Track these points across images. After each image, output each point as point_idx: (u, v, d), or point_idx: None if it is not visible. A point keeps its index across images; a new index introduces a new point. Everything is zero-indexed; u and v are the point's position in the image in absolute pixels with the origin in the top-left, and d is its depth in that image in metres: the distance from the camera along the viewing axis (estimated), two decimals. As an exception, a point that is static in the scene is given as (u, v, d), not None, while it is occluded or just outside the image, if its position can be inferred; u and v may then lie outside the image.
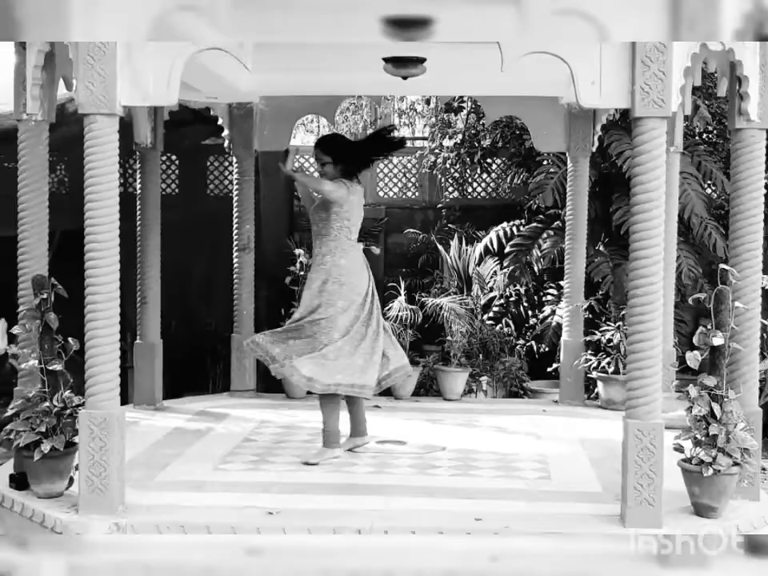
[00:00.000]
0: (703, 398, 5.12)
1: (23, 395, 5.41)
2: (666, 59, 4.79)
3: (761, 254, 5.48)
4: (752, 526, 5.15)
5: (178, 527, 4.92)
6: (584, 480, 5.89)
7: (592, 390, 8.84)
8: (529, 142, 9.58)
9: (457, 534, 4.84)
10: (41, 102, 5.63)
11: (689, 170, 9.83)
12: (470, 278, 10.29)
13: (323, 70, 7.43)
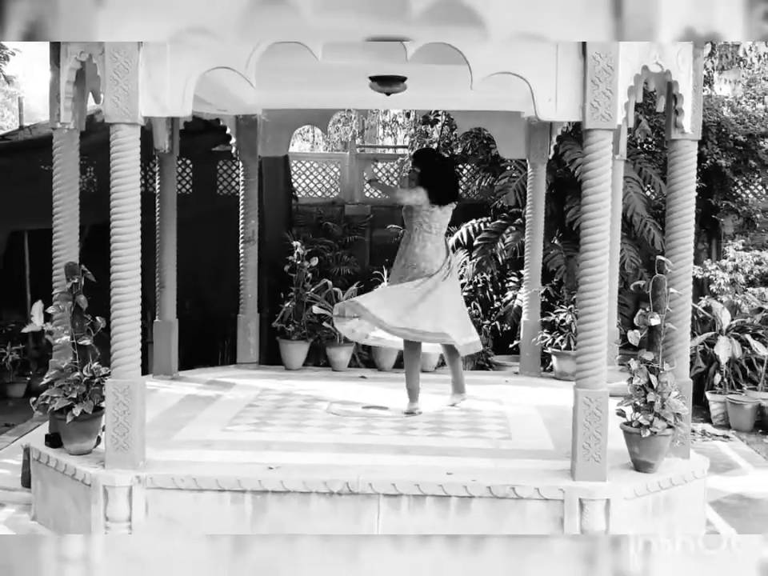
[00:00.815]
0: (642, 371, 5.15)
1: (57, 366, 5.42)
2: (613, 80, 4.81)
3: (692, 248, 5.51)
4: (681, 478, 5.20)
5: (191, 480, 4.94)
6: (540, 440, 5.91)
7: (547, 364, 8.87)
8: (494, 150, 9.59)
9: (431, 486, 4.88)
10: (73, 112, 5.61)
11: (631, 175, 9.86)
12: (444, 267, 10.28)
13: (317, 86, 7.44)
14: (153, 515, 4.95)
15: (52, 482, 5.35)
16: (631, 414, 5.17)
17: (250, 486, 4.91)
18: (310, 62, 5.03)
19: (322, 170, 12.13)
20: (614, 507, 4.81)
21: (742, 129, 10.51)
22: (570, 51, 4.85)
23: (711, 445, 7.78)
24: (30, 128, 10.20)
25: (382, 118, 14.48)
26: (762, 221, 10.88)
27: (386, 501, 4.88)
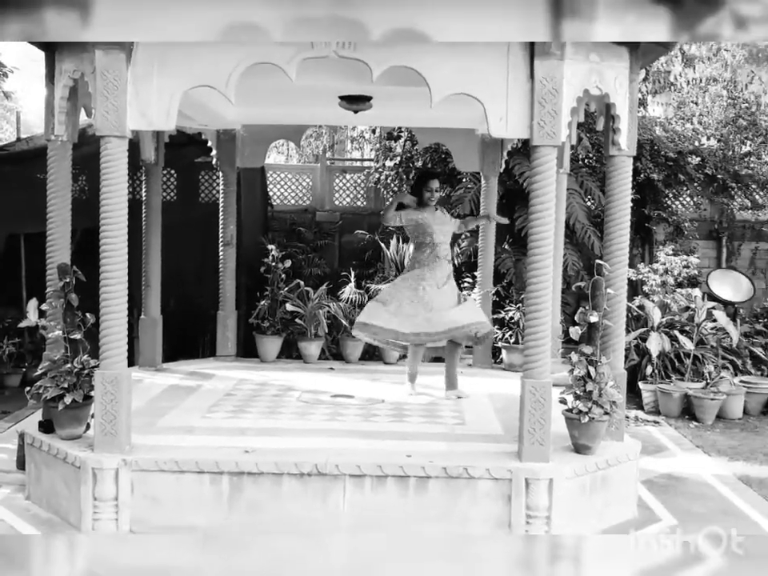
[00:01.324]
0: (582, 363, 5.19)
1: (50, 358, 5.36)
2: (557, 101, 4.84)
3: (627, 253, 5.56)
4: (616, 459, 5.25)
5: (173, 463, 4.91)
6: (490, 425, 5.93)
7: (498, 356, 8.91)
8: (451, 163, 9.61)
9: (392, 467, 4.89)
10: (66, 126, 5.56)
11: (574, 187, 9.94)
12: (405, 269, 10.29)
13: (291, 104, 7.42)
14: (138, 495, 4.91)
15: (45, 464, 5.29)
16: (572, 401, 5.21)
17: (227, 468, 4.89)
18: (284, 82, 5.01)
19: (296, 180, 12.10)
20: (556, 486, 4.85)
21: (672, 146, 10.63)
22: (519, 75, 4.87)
23: (643, 429, 7.86)
24: (27, 140, 10.09)
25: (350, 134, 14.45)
26: (690, 229, 11.02)
27: (351, 481, 4.88)
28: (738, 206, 11.36)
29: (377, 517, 4.87)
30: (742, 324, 9.62)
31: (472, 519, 4.88)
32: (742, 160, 11.12)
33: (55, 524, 5.04)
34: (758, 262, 11.52)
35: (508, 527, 4.86)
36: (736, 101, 11.46)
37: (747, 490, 6.05)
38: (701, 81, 11.98)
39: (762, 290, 11.15)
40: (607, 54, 5.14)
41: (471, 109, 5.30)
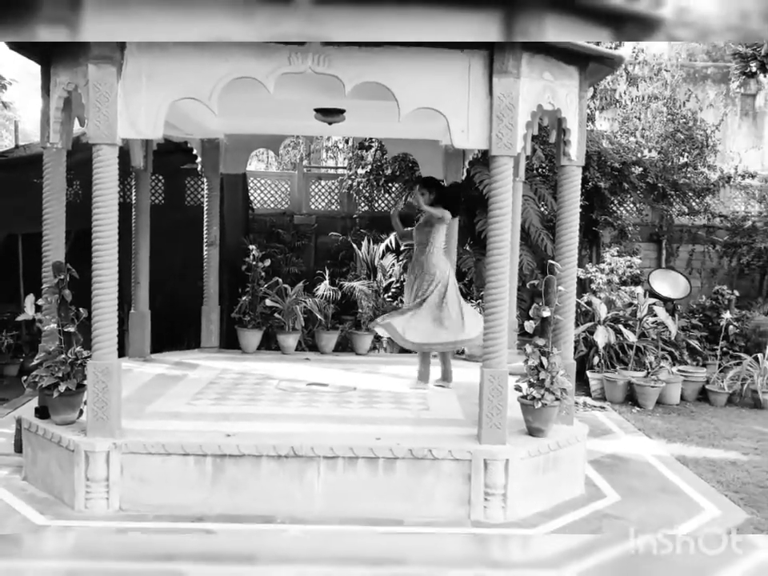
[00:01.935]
0: (535, 354, 5.22)
1: (45, 350, 5.32)
2: (514, 115, 4.86)
3: (576, 254, 5.60)
4: (566, 441, 5.28)
5: (160, 446, 4.88)
6: (453, 411, 5.95)
7: (460, 348, 8.92)
8: (418, 171, 9.60)
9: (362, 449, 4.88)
10: (61, 134, 5.50)
11: (529, 194, 9.98)
12: (375, 268, 10.27)
13: (271, 116, 7.39)
14: (127, 476, 4.87)
15: (40, 447, 5.22)
16: (526, 389, 5.24)
17: (210, 450, 4.86)
18: (264, 95, 4.99)
19: (275, 186, 12.02)
20: (511, 466, 4.88)
21: (617, 157, 10.71)
22: (479, 91, 4.88)
23: (591, 414, 7.93)
24: (25, 147, 9.92)
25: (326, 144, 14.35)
26: (633, 232, 11.10)
27: (325, 462, 4.87)
28: (676, 212, 11.47)
29: (349, 494, 4.87)
30: (679, 319, 9.72)
31: (435, 496, 4.90)
32: (680, 170, 11.22)
33: (50, 503, 4.98)
34: (694, 262, 11.65)
35: (468, 504, 4.88)
36: (675, 116, 11.56)
37: (683, 469, 6.13)
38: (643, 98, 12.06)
39: (697, 288, 11.28)
40: (559, 72, 5.17)
41: (436, 122, 5.31)
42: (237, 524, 4.68)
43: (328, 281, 9.81)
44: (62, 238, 5.63)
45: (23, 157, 9.46)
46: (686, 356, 9.31)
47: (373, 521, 4.75)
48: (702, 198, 11.41)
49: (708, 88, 18.50)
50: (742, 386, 8.64)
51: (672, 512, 5.13)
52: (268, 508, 4.84)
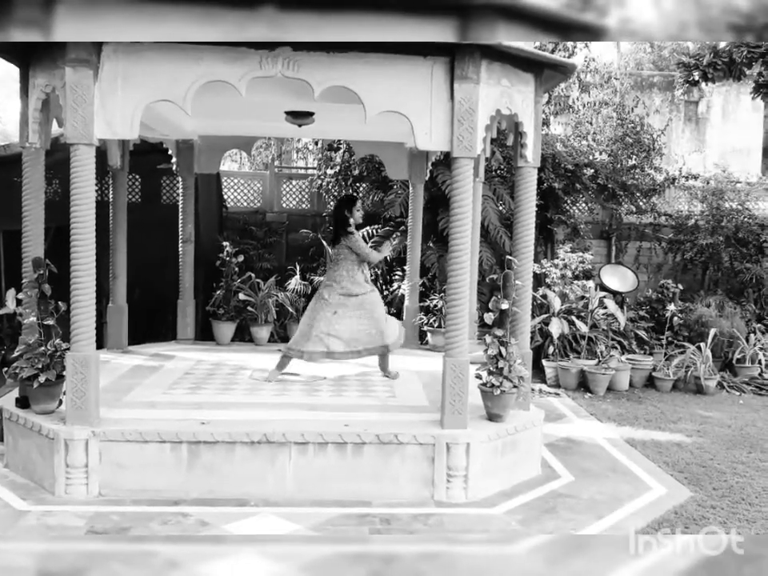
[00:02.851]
0: (494, 344, 5.24)
1: (26, 342, 5.24)
2: (474, 119, 4.87)
3: (532, 250, 5.63)
4: (524, 426, 5.32)
5: (137, 433, 4.82)
6: (418, 398, 5.96)
7: (424, 339, 8.95)
8: (384, 172, 9.58)
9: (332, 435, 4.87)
10: (39, 134, 5.40)
11: (488, 194, 10.02)
12: (344, 263, 10.25)
13: (243, 118, 7.32)
14: (106, 462, 4.81)
15: (21, 436, 5.13)
16: (486, 377, 5.26)
17: (186, 437, 4.82)
18: (236, 98, 4.94)
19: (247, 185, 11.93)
20: (472, 449, 4.91)
21: (570, 160, 10.79)
22: (441, 96, 4.88)
23: (546, 400, 8.00)
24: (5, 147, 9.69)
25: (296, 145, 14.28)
26: (585, 230, 11.20)
27: (296, 448, 4.85)
28: (625, 211, 11.60)
29: (319, 478, 4.86)
30: (628, 311, 9.84)
31: (401, 478, 4.90)
32: (629, 172, 11.34)
33: (31, 489, 4.89)
34: (641, 258, 11.80)
35: (432, 485, 4.90)
36: (624, 121, 11.68)
37: (632, 450, 6.21)
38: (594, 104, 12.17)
39: (644, 282, 11.42)
40: (516, 79, 5.20)
41: (401, 125, 5.29)
42: (212, 507, 4.65)
43: (299, 275, 9.77)
44: (41, 235, 5.52)
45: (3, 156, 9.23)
46: (634, 345, 9.44)
47: (342, 502, 4.74)
48: (648, 198, 11.56)
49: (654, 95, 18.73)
50: (686, 373, 8.78)
51: (622, 491, 5.20)
52: (242, 492, 4.81)
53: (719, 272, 11.28)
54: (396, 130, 7.01)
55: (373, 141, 8.36)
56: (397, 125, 5.70)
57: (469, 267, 5.03)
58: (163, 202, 10.74)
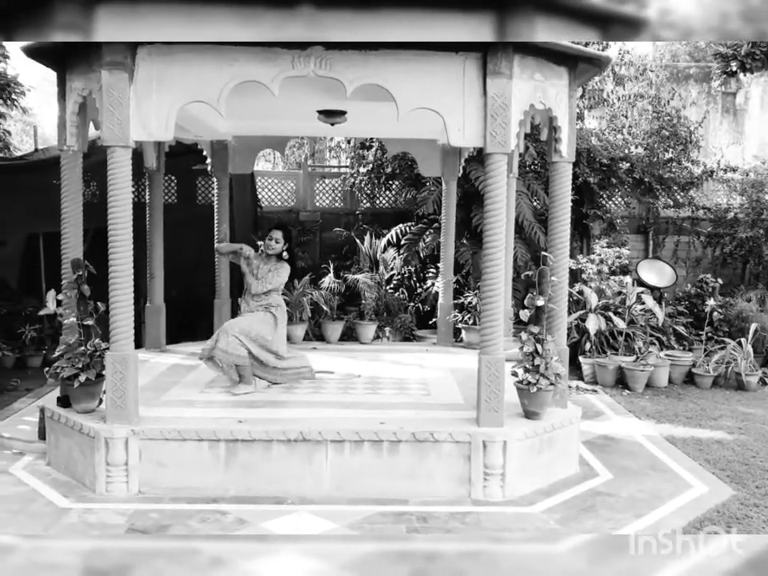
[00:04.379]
0: (530, 341, 5.20)
1: (66, 342, 5.32)
2: (507, 114, 4.82)
3: (568, 245, 5.57)
4: (561, 423, 5.26)
5: (176, 432, 4.86)
6: (452, 396, 5.93)
7: (458, 336, 8.91)
8: (416, 169, 9.57)
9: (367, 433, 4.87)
10: (77, 137, 5.48)
11: (522, 189, 9.94)
12: (378, 261, 10.26)
13: (276, 118, 7.34)
14: (145, 460, 4.86)
15: (63, 434, 5.21)
16: (522, 374, 5.22)
17: (223, 436, 4.85)
18: (269, 98, 4.95)
19: (281, 185, 11.99)
20: (509, 447, 4.86)
21: (606, 154, 10.66)
22: (474, 92, 4.84)
23: (583, 397, 7.91)
24: (43, 150, 9.92)
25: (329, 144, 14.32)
26: (621, 225, 11.06)
27: (332, 446, 4.85)
28: (662, 205, 11.43)
29: (355, 476, 4.85)
30: (666, 306, 9.69)
31: (437, 476, 4.88)
32: (665, 165, 11.17)
33: (72, 487, 4.97)
34: (680, 252, 11.61)
35: (468, 483, 4.86)
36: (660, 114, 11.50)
37: (672, 448, 6.11)
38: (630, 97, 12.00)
39: (682, 277, 11.23)
40: (550, 73, 5.13)
41: (433, 121, 5.26)
42: (250, 505, 4.67)
43: (333, 274, 9.79)
44: (79, 236, 5.60)
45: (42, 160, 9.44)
46: (672, 341, 9.28)
47: (379, 500, 4.73)
48: (686, 191, 11.37)
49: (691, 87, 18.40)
50: (727, 369, 8.61)
51: (662, 489, 5.11)
52: (279, 489, 4.83)
53: (760, 266, 11.06)
54: (428, 127, 6.98)
55: (405, 138, 8.34)
56: (429, 122, 5.68)
57: (503, 264, 4.98)
58: (198, 203, 10.86)
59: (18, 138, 19.79)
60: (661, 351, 8.89)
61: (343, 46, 4.69)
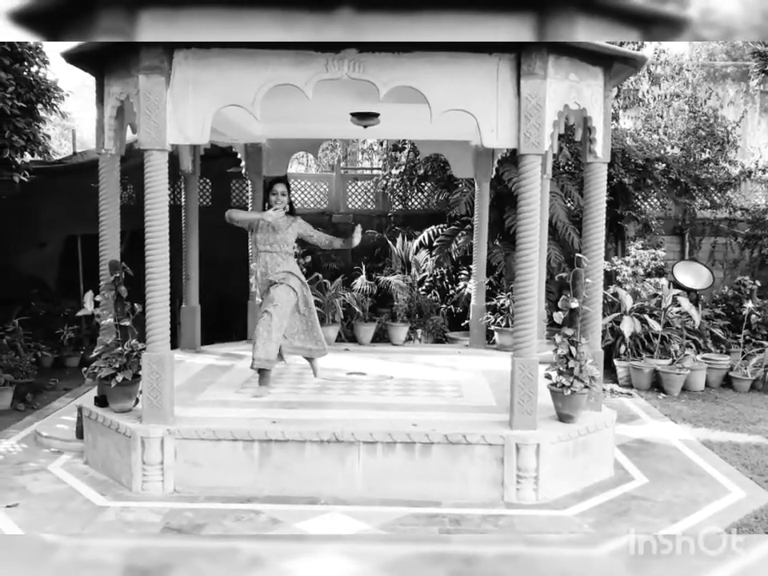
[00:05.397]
0: (564, 343, 5.15)
1: (103, 342, 5.39)
2: (541, 115, 4.79)
3: (603, 247, 5.51)
4: (595, 427, 5.20)
5: (210, 432, 4.90)
6: (485, 398, 5.91)
7: (491, 338, 8.87)
8: (449, 171, 9.56)
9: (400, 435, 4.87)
10: (114, 141, 5.55)
11: (556, 190, 9.86)
12: (410, 263, 10.26)
13: (309, 120, 7.38)
14: (180, 460, 4.91)
15: (100, 434, 5.29)
16: (556, 377, 5.17)
17: (257, 436, 4.88)
18: (303, 101, 4.97)
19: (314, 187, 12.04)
20: (542, 450, 4.83)
21: (641, 154, 10.53)
22: (507, 92, 4.81)
23: (618, 401, 7.82)
24: (82, 154, 10.09)
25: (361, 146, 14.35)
26: (657, 226, 10.92)
27: (364, 447, 4.86)
28: (698, 206, 11.26)
29: (388, 477, 4.86)
30: (703, 308, 9.54)
31: (470, 479, 4.86)
32: (702, 166, 11.01)
33: (109, 485, 5.04)
34: (717, 254, 11.43)
35: (501, 486, 4.84)
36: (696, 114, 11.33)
37: (708, 452, 6.01)
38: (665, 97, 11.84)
39: (719, 279, 11.05)
40: (585, 74, 5.09)
41: (466, 123, 5.25)
42: (283, 505, 4.69)
43: (365, 275, 9.82)
44: (117, 238, 5.68)
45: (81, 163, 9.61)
46: (709, 344, 9.13)
47: (411, 502, 4.73)
48: (723, 192, 11.19)
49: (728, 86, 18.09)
50: (765, 372, 8.44)
51: (698, 493, 5.03)
52: (312, 490, 4.85)
53: (800, 268, 10.84)
54: (461, 129, 6.96)
55: (438, 140, 8.33)
56: (462, 123, 5.66)
57: (537, 265, 4.94)
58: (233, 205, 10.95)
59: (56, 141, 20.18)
60: (697, 354, 8.76)
61: (376, 48, 4.70)
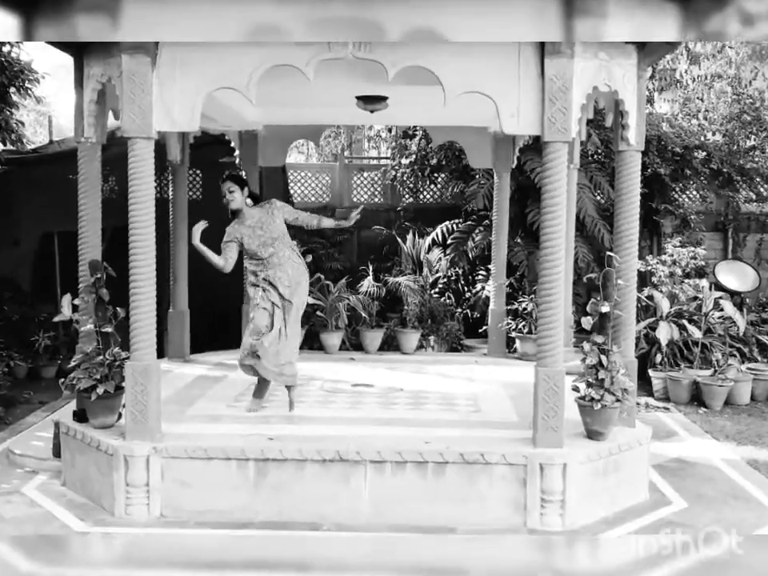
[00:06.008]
0: (594, 352, 5.13)
1: (83, 351, 5.39)
2: (568, 98, 4.78)
3: (636, 245, 5.49)
4: (628, 445, 5.19)
5: (201, 450, 4.91)
6: (505, 413, 5.89)
7: (511, 346, 8.86)
8: (465, 160, 9.56)
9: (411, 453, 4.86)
10: (95, 128, 5.57)
11: (584, 182, 9.86)
12: (421, 262, 10.28)
13: (310, 105, 7.40)
14: (168, 481, 4.92)
15: (79, 452, 5.30)
16: (584, 389, 5.16)
17: (253, 454, 4.89)
18: (303, 83, 4.98)
19: (315, 179, 12.08)
20: (569, 470, 4.81)
21: (678, 141, 10.52)
22: (530, 73, 4.81)
23: (653, 416, 7.79)
24: (59, 142, 10.14)
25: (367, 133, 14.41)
26: (696, 221, 10.91)
27: (372, 466, 4.86)
28: (743, 199, 11.25)
29: (397, 500, 4.85)
30: (748, 313, 9.52)
31: (489, 502, 4.85)
32: (747, 154, 11.00)
33: (89, 509, 5.05)
34: (763, 252, 11.40)
35: (524, 510, 4.82)
36: (740, 97, 11.32)
37: (755, 473, 5.99)
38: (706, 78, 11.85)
39: (766, 280, 11.02)
40: (615, 52, 5.08)
41: (483, 107, 5.24)
42: (282, 531, 4.69)
43: (372, 276, 9.83)
44: (98, 236, 5.69)
45: (58, 152, 9.66)
46: (755, 353, 9.11)
47: (424, 528, 4.71)
48: (771, 183, 11.18)
49: (776, 65, 18.04)
50: (818, 384, 8.43)
51: (744, 519, 5.01)
52: (313, 514, 4.84)
53: None
54: (478, 114, 6.96)
55: (452, 126, 8.34)
56: (479, 107, 5.66)
57: (563, 265, 4.94)
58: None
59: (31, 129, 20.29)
60: (742, 364, 8.73)
61: (384, 24, 4.71)
